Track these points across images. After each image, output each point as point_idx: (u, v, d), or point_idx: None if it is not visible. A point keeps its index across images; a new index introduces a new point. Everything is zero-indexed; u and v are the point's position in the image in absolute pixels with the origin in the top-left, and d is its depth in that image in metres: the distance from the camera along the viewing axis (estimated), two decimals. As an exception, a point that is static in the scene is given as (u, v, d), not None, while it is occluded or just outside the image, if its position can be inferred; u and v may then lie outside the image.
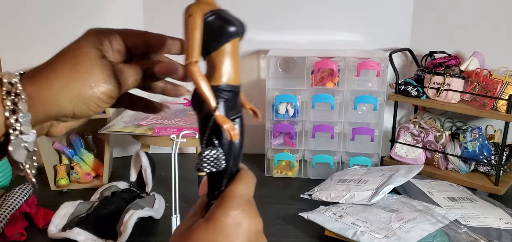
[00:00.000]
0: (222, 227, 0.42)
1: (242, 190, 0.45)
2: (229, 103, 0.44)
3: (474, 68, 1.37)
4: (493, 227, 1.09)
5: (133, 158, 1.31)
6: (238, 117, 0.47)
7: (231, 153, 0.46)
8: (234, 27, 0.44)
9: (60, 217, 1.17)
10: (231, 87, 0.44)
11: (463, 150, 1.38)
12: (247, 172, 0.48)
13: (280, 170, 1.52)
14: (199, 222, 0.44)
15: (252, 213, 0.44)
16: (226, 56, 0.44)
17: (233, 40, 0.44)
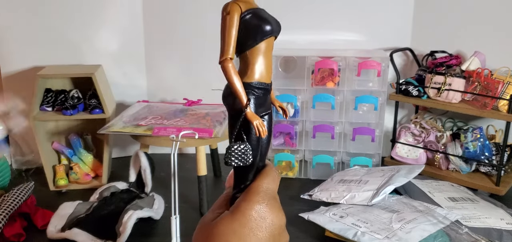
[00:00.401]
0: (247, 220, 0.43)
1: (267, 185, 0.46)
2: (260, 100, 0.46)
3: (475, 68, 1.37)
4: (494, 227, 1.09)
5: (132, 158, 1.31)
6: (267, 114, 0.48)
7: (258, 148, 0.47)
8: (270, 26, 0.45)
9: (59, 218, 1.17)
10: (262, 85, 0.45)
11: (464, 150, 1.38)
12: (272, 168, 0.49)
13: (280, 170, 1.52)
14: (224, 213, 0.45)
15: (276, 208, 0.46)
16: (260, 54, 0.45)
17: (268, 39, 0.45)
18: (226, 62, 0.43)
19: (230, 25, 0.43)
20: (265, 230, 0.44)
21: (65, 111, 1.37)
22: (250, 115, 0.44)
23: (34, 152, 1.56)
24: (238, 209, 0.44)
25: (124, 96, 1.62)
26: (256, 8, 0.45)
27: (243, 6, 0.44)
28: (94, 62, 1.54)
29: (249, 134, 0.45)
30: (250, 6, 0.45)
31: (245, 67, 0.45)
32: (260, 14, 0.45)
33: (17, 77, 1.53)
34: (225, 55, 0.43)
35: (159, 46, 1.61)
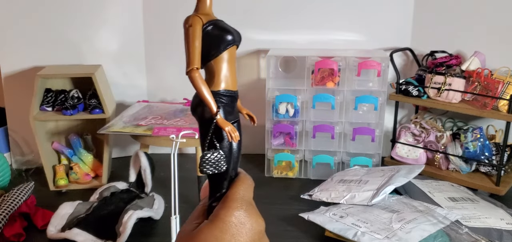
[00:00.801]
0: (228, 226, 0.44)
1: (243, 192, 0.47)
2: (228, 108, 0.47)
3: (475, 68, 1.37)
4: (494, 227, 1.09)
5: (132, 158, 1.31)
6: (236, 122, 0.49)
7: (231, 156, 0.48)
8: (231, 36, 0.47)
9: (59, 218, 1.16)
10: (229, 92, 0.47)
11: (464, 150, 1.38)
12: (246, 176, 0.50)
13: (280, 170, 1.52)
14: (204, 223, 0.46)
15: (254, 213, 0.47)
16: (224, 63, 0.47)
17: (231, 48, 0.47)
18: (193, 72, 0.45)
19: (193, 36, 0.45)
20: (245, 235, 0.45)
21: (65, 111, 1.37)
22: (221, 122, 0.45)
23: (34, 152, 1.56)
24: (217, 217, 0.45)
25: (124, 96, 1.62)
26: (216, 20, 0.47)
27: (204, 18, 0.46)
28: (94, 62, 1.54)
29: (221, 141, 0.47)
30: (211, 18, 0.47)
31: (211, 77, 0.47)
32: (220, 25, 0.47)
33: (17, 77, 1.53)
34: (191, 66, 0.45)
35: (159, 46, 1.61)
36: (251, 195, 0.48)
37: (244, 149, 0.52)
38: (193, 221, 0.48)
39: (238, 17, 1.58)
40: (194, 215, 0.49)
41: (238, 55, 1.61)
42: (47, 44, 1.53)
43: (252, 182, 0.49)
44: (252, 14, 1.58)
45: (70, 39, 1.54)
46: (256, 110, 0.87)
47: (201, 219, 0.48)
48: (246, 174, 0.50)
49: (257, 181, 0.50)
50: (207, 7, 0.48)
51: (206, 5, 0.48)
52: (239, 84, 0.48)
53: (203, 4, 0.47)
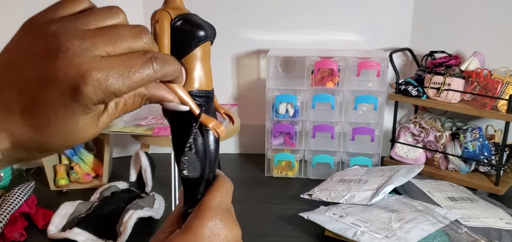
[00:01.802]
0: (199, 239, 0.41)
1: (220, 198, 0.44)
2: (203, 109, 0.43)
3: (474, 68, 1.37)
4: (494, 227, 1.09)
5: (132, 158, 1.31)
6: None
7: (206, 159, 0.45)
8: (204, 32, 0.43)
9: (59, 217, 1.17)
10: (203, 92, 0.43)
11: (463, 150, 1.38)
12: (224, 179, 0.46)
13: (280, 170, 1.52)
14: (175, 233, 0.43)
15: (229, 222, 0.43)
16: (197, 61, 0.43)
17: (204, 44, 0.43)
18: None
19: (161, 33, 0.41)
20: None
21: (66, 111, 1.37)
22: (205, 119, 0.42)
23: (34, 151, 1.56)
24: (189, 228, 0.41)
25: (125, 96, 1.62)
26: (187, 14, 0.43)
27: (173, 12, 0.42)
28: (94, 62, 1.54)
29: (196, 144, 0.43)
30: (181, 12, 0.43)
31: None
32: (192, 19, 0.43)
33: (18, 77, 1.54)
34: None
35: (159, 46, 1.61)
36: (229, 200, 0.45)
37: (244, 149, 0.51)
38: (166, 228, 0.45)
39: (238, 17, 1.58)
40: (168, 222, 0.46)
41: (238, 55, 1.61)
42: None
43: (230, 186, 0.46)
44: (252, 14, 1.59)
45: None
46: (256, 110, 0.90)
47: (174, 227, 0.45)
48: (225, 177, 0.47)
49: (257, 180, 0.49)
50: (177, 0, 0.43)
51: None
52: (239, 84, 0.46)
53: None
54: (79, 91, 0.31)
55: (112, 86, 0.32)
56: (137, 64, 0.33)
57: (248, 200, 1.34)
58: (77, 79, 0.31)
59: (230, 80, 1.63)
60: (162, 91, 0.39)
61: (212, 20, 0.46)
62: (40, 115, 0.33)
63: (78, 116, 0.33)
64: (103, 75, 0.32)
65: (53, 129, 0.33)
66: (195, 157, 0.44)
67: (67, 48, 0.32)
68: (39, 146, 0.34)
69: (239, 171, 1.56)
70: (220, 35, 1.70)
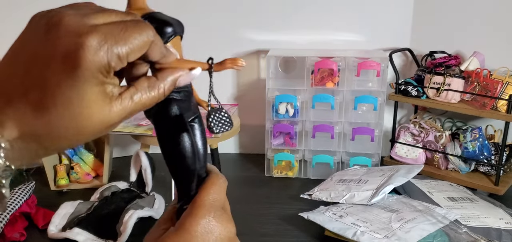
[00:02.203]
0: (193, 237, 0.41)
1: (213, 195, 0.44)
2: (184, 104, 0.44)
3: (474, 68, 1.37)
4: (493, 227, 1.09)
5: (133, 158, 1.31)
6: (196, 118, 0.46)
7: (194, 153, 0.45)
8: (171, 27, 0.44)
9: (60, 217, 1.17)
10: (182, 88, 0.43)
11: (463, 150, 1.38)
12: (217, 176, 0.46)
13: (280, 170, 1.52)
14: (169, 231, 0.43)
15: (223, 220, 0.43)
16: None
17: (173, 40, 0.44)
18: None
19: None
20: None
21: (66, 111, 1.37)
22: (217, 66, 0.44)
23: (34, 151, 1.56)
24: (182, 226, 0.42)
25: (125, 96, 1.62)
26: (152, 12, 0.44)
27: (139, 13, 0.43)
28: (94, 62, 1.54)
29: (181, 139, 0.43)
30: (145, 11, 0.44)
31: None
32: (158, 17, 0.44)
33: (18, 77, 1.54)
34: None
35: (159, 47, 1.61)
36: (223, 196, 0.45)
37: (244, 149, 0.51)
38: (160, 225, 0.45)
39: (238, 17, 1.58)
40: (162, 219, 0.46)
41: (238, 55, 1.61)
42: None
43: (224, 182, 0.46)
44: (252, 14, 1.59)
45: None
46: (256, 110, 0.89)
47: (168, 224, 0.45)
48: (218, 173, 0.46)
49: (257, 180, 0.49)
50: (140, 1, 0.44)
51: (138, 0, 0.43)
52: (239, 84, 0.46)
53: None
54: (79, 54, 0.31)
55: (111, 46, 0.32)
56: (131, 26, 0.34)
57: (248, 200, 1.35)
58: (76, 42, 0.32)
59: (230, 80, 1.63)
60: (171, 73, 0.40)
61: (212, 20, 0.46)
62: (45, 93, 0.32)
63: (83, 86, 0.32)
64: (101, 35, 0.32)
65: (60, 106, 0.32)
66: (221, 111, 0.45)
67: (65, 20, 0.33)
68: (48, 132, 0.33)
69: (239, 171, 1.56)
70: (220, 35, 1.73)
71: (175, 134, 0.43)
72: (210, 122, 0.44)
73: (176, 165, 0.45)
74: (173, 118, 0.43)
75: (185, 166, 0.44)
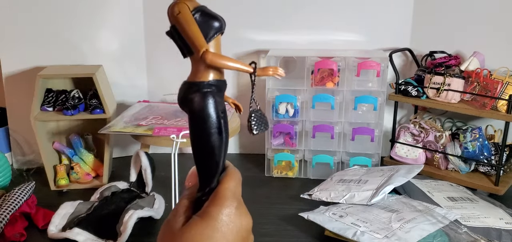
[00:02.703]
0: (220, 225, 0.43)
1: (233, 188, 0.46)
2: (218, 97, 0.45)
3: (474, 68, 1.37)
4: (493, 227, 1.09)
5: (133, 158, 1.31)
6: (223, 112, 0.47)
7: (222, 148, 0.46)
8: (219, 23, 0.45)
9: (60, 217, 1.17)
10: (218, 82, 0.45)
11: (463, 150, 1.38)
12: (234, 170, 0.49)
13: (280, 170, 1.52)
14: (193, 219, 0.45)
15: (243, 212, 0.46)
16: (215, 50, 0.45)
17: (217, 36, 0.45)
18: (206, 54, 0.42)
19: (187, 21, 0.43)
20: (236, 234, 0.44)
21: (66, 111, 1.37)
22: (260, 71, 0.45)
23: (35, 152, 1.56)
24: (208, 214, 0.44)
25: (125, 96, 1.62)
26: (201, 6, 0.45)
27: (190, 4, 0.43)
28: (94, 62, 1.54)
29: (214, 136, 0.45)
30: (195, 4, 0.44)
31: (199, 67, 0.45)
32: (207, 11, 0.45)
33: (18, 78, 1.54)
34: (201, 49, 0.42)
35: (159, 46, 1.61)
36: (240, 189, 0.48)
37: (244, 149, 0.52)
38: (179, 214, 0.47)
39: (238, 17, 1.58)
40: (180, 208, 0.47)
41: (239, 56, 1.62)
42: (48, 45, 1.53)
43: (240, 177, 0.48)
44: (252, 14, 1.59)
45: (70, 39, 1.54)
46: None
47: (189, 213, 0.46)
48: (235, 168, 0.49)
49: (257, 180, 0.50)
50: None
51: None
52: (239, 84, 0.47)
53: None
54: None
55: None
56: None
57: (248, 200, 1.33)
58: None
59: (230, 80, 1.63)
60: None
61: None
62: None
63: None
64: None
65: None
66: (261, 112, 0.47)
67: None
68: None
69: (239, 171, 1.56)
70: (220, 35, 1.64)
71: (209, 130, 0.45)
72: (251, 122, 0.47)
73: (205, 158, 0.46)
74: (210, 115, 0.44)
75: (213, 161, 0.46)
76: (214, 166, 0.46)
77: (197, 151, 0.46)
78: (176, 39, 0.44)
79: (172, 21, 0.44)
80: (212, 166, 0.46)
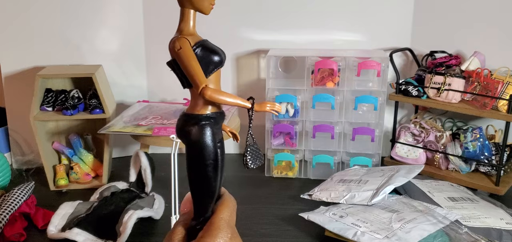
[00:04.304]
0: None
1: (228, 217, 0.47)
2: (215, 128, 0.47)
3: (474, 68, 1.37)
4: (494, 227, 1.09)
5: (132, 158, 1.31)
6: (219, 141, 0.48)
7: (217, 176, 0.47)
8: (219, 57, 0.46)
9: (59, 217, 1.17)
10: (216, 114, 0.47)
11: (463, 150, 1.38)
12: (230, 198, 0.49)
13: (280, 170, 1.52)
14: None
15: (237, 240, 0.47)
16: (214, 83, 0.46)
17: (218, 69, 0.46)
18: (205, 90, 0.44)
19: (188, 58, 0.44)
20: None
21: (66, 111, 1.37)
22: (258, 107, 0.46)
23: (34, 152, 1.56)
24: None
25: (124, 96, 1.62)
26: (202, 40, 0.46)
27: (191, 39, 0.45)
28: (94, 62, 1.54)
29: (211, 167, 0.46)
30: (197, 39, 0.45)
31: (198, 100, 0.46)
32: (208, 46, 0.46)
33: (18, 78, 1.54)
34: (201, 85, 0.44)
35: (159, 46, 1.61)
36: (234, 218, 0.48)
37: (244, 149, 0.52)
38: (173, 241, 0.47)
39: (238, 17, 1.58)
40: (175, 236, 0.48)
41: (239, 56, 1.61)
42: (47, 44, 1.53)
43: (235, 205, 0.49)
44: (252, 14, 1.58)
45: (70, 39, 1.54)
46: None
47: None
48: (230, 195, 0.49)
49: (257, 181, 0.51)
50: (191, 27, 0.46)
51: (190, 26, 0.46)
52: (239, 84, 0.48)
53: (186, 25, 0.46)
54: None
55: None
56: None
57: (248, 200, 1.34)
58: None
59: (230, 80, 1.63)
60: None
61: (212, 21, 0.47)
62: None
63: None
64: None
65: None
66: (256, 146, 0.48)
67: None
68: None
69: (239, 171, 1.55)
70: (220, 35, 1.73)
71: (206, 161, 0.46)
72: (246, 157, 0.48)
73: (200, 188, 0.47)
74: (206, 146, 0.45)
75: (209, 191, 0.47)
76: (209, 195, 0.47)
77: (193, 180, 0.47)
78: (177, 71, 0.46)
79: (173, 55, 0.45)
80: (207, 196, 0.47)
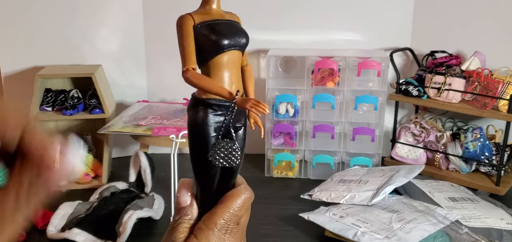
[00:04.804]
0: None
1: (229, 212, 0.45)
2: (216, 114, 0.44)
3: (475, 68, 1.37)
4: (494, 227, 1.09)
5: (132, 158, 1.31)
6: (241, 127, 0.46)
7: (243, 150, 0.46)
8: (226, 40, 0.43)
9: (59, 218, 1.16)
10: (218, 101, 0.43)
11: (464, 150, 1.38)
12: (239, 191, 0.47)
13: (280, 170, 1.52)
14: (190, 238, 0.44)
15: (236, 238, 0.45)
16: (221, 69, 0.44)
17: (228, 52, 0.43)
18: (184, 73, 0.42)
19: (181, 37, 0.42)
20: None
21: (65, 111, 1.37)
22: (240, 102, 0.42)
23: (34, 152, 1.55)
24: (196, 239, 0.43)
25: (124, 96, 1.62)
26: (213, 20, 0.43)
27: (198, 17, 0.43)
28: (94, 62, 1.54)
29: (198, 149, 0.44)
30: (208, 18, 0.43)
31: None
32: (214, 27, 0.43)
33: (17, 77, 1.53)
34: (186, 66, 0.42)
35: (159, 46, 1.61)
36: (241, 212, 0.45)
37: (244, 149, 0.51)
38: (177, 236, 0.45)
39: (238, 17, 1.58)
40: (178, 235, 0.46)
41: (238, 55, 1.61)
42: (47, 44, 1.53)
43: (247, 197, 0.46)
44: (252, 14, 1.58)
45: (70, 39, 1.54)
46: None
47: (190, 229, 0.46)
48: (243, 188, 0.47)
49: (257, 181, 0.49)
50: (207, 5, 0.44)
51: (207, 3, 0.44)
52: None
53: (204, 1, 0.44)
54: None
55: None
56: None
57: (248, 200, 1.34)
58: None
59: (230, 80, 1.63)
60: None
61: None
62: None
63: None
64: None
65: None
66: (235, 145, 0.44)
67: None
68: None
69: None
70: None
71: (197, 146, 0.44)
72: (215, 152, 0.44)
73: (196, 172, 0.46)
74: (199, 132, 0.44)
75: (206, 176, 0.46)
76: (206, 182, 0.45)
77: (192, 163, 0.46)
78: None
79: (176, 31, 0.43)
80: (204, 182, 0.46)
